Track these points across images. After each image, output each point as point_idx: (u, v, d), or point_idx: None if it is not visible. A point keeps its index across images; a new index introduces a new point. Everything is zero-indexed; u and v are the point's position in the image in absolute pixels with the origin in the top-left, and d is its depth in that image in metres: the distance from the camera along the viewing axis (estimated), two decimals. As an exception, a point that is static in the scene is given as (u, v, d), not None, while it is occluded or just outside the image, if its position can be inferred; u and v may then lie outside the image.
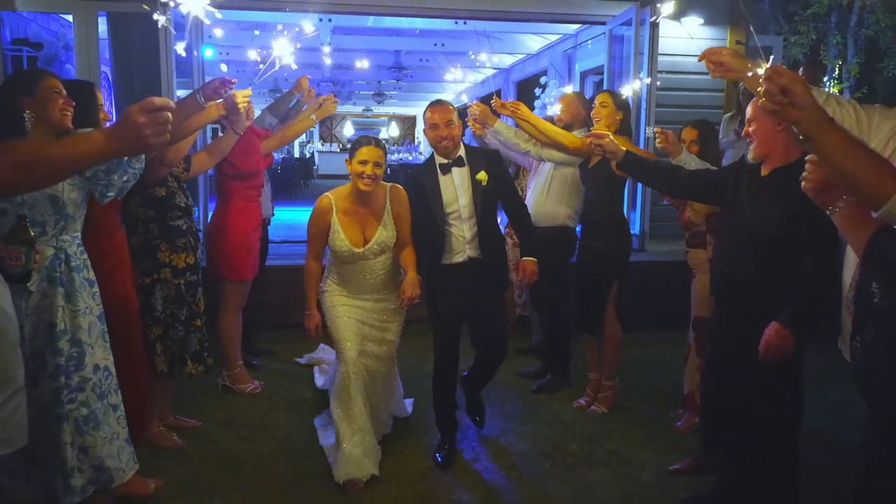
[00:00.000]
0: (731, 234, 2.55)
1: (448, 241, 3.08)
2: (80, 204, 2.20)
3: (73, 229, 2.20)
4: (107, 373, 2.27)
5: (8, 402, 1.67)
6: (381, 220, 3.05)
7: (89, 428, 2.20)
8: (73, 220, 2.19)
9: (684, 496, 2.80)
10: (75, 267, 2.19)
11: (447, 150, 3.04)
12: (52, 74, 2.28)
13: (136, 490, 2.69)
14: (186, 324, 3.04)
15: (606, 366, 3.65)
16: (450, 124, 3.01)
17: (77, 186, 2.15)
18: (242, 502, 2.72)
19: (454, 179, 3.07)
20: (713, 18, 6.14)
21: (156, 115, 1.46)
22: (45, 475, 2.19)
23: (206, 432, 3.33)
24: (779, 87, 1.54)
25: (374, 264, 3.06)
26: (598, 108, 3.51)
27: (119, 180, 2.19)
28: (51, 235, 2.13)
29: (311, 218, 3.05)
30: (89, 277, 2.26)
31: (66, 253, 2.18)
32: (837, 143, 1.53)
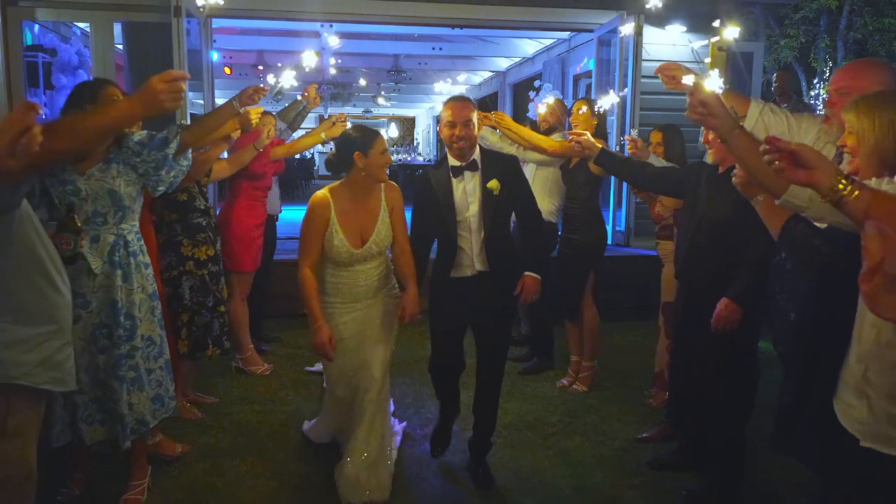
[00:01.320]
0: (691, 222, 2.95)
1: (458, 254, 2.91)
2: (135, 197, 2.60)
3: (130, 219, 2.61)
4: (149, 342, 2.67)
5: (64, 349, 2.08)
6: (378, 218, 2.85)
7: (135, 388, 2.60)
8: (130, 212, 2.59)
9: (649, 458, 3.20)
10: (132, 252, 2.59)
11: (462, 150, 2.84)
12: (112, 84, 2.65)
13: (165, 451, 3.12)
14: (212, 310, 3.45)
15: (586, 348, 4.05)
16: (468, 124, 2.81)
17: (132, 182, 2.56)
18: (259, 464, 3.13)
19: (465, 185, 2.88)
20: (695, 26, 6.53)
21: (172, 84, 1.85)
22: (108, 423, 2.61)
23: (223, 407, 3.74)
24: (698, 100, 1.96)
25: (369, 269, 2.88)
26: (575, 113, 3.94)
27: (167, 176, 2.59)
28: (112, 224, 2.53)
29: (308, 217, 2.80)
30: (144, 261, 2.67)
31: (125, 239, 2.58)
32: (746, 145, 1.94)
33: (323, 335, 2.71)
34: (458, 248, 2.90)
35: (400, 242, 2.92)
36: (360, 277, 2.87)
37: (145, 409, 2.63)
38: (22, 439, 2.02)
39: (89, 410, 2.60)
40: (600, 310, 4.11)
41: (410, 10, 6.23)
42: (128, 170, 2.54)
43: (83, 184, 2.46)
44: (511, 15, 6.29)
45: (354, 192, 2.82)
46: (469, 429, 3.22)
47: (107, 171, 2.50)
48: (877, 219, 1.38)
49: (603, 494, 2.92)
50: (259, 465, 3.11)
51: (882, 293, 1.42)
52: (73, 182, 2.44)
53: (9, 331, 1.93)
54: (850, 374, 1.74)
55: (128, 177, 2.54)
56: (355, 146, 2.72)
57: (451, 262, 2.91)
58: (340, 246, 2.79)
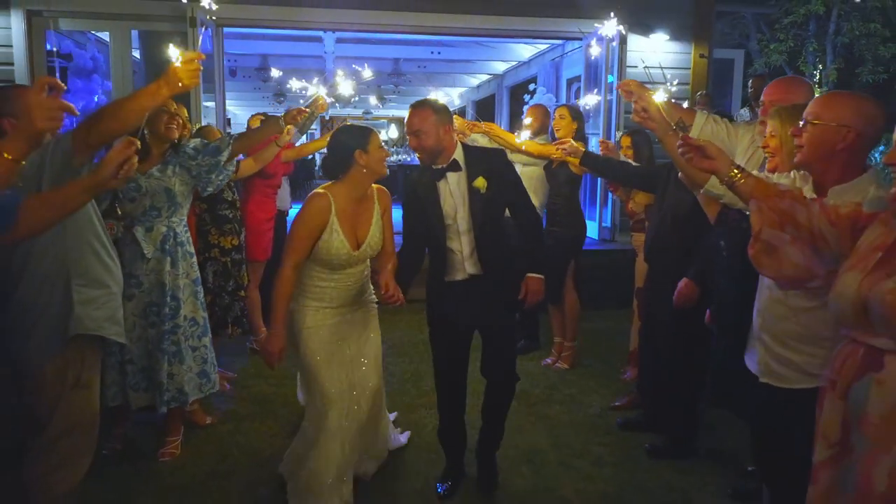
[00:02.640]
0: (658, 214, 3.46)
1: (449, 257, 2.85)
2: (186, 195, 3.09)
3: (180, 214, 3.10)
4: (193, 322, 3.16)
5: (119, 308, 2.53)
6: (373, 220, 2.82)
7: (176, 361, 3.09)
8: (180, 207, 3.08)
9: (619, 421, 3.69)
10: (180, 242, 3.08)
11: (423, 160, 2.84)
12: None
13: (197, 419, 3.60)
14: (232, 294, 3.95)
15: (567, 330, 4.54)
16: (418, 133, 2.75)
17: (185, 182, 3.05)
18: (276, 426, 3.62)
19: (449, 187, 2.81)
20: (678, 34, 7.02)
21: (190, 64, 2.19)
22: (150, 391, 3.10)
23: (242, 381, 4.23)
24: (641, 107, 2.47)
25: (357, 273, 2.84)
26: (557, 119, 4.43)
27: (216, 179, 3.09)
28: (164, 217, 3.02)
29: (305, 217, 2.69)
30: (189, 251, 3.16)
31: (175, 231, 3.07)
32: (676, 145, 2.43)
33: (277, 344, 2.70)
34: (449, 251, 2.84)
35: (385, 246, 2.88)
36: (349, 280, 2.81)
37: (184, 381, 3.11)
38: (90, 391, 2.48)
39: (137, 378, 3.09)
40: (582, 298, 4.60)
41: (410, 19, 6.72)
42: (182, 171, 3.04)
43: (144, 181, 2.96)
44: (504, 24, 6.79)
45: (353, 192, 2.76)
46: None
47: (164, 172, 3.00)
48: (756, 199, 1.88)
49: (576, 449, 3.41)
50: (275, 427, 3.60)
51: (762, 256, 1.93)
52: (135, 179, 2.95)
53: (82, 292, 2.38)
54: (753, 326, 2.23)
55: (182, 177, 3.04)
56: (354, 145, 2.70)
57: (443, 267, 2.86)
58: (341, 247, 2.70)
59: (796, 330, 2.06)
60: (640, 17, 6.75)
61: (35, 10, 6.22)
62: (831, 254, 1.82)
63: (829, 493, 1.72)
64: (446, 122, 2.78)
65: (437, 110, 2.77)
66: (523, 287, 2.90)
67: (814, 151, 2.04)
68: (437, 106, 2.81)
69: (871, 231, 1.74)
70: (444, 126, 2.76)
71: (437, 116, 2.75)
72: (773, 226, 1.86)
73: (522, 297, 2.90)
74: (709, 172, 1.99)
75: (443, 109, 2.81)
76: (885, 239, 1.69)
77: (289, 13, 6.64)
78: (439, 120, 2.75)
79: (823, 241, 1.81)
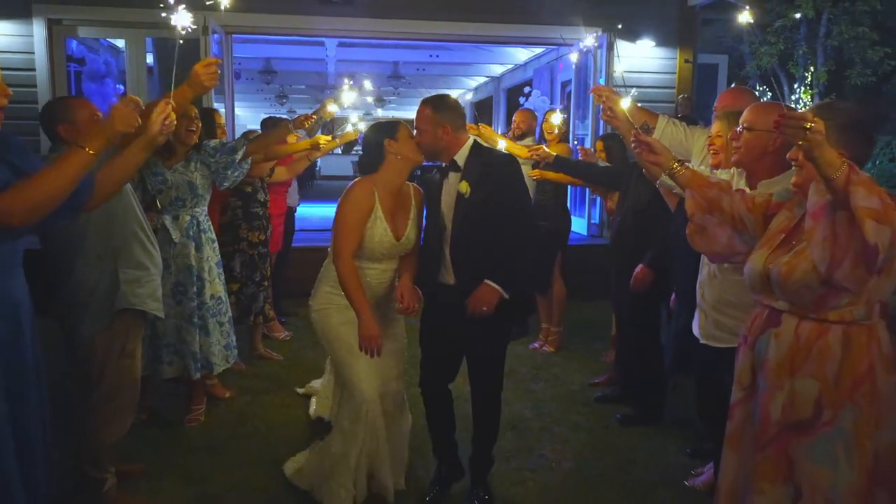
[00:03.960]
0: (622, 207, 3.92)
1: (442, 259, 2.84)
2: (207, 188, 3.55)
3: (202, 205, 3.56)
4: (218, 300, 3.62)
5: (159, 287, 2.98)
6: (410, 215, 2.87)
7: (203, 334, 3.55)
8: (202, 199, 3.55)
9: (596, 395, 4.15)
10: (203, 229, 3.54)
11: (426, 157, 2.86)
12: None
13: (217, 392, 4.05)
14: (258, 284, 4.45)
15: (554, 316, 5.01)
16: (417, 130, 2.81)
17: (205, 177, 3.51)
18: (289, 399, 4.08)
19: (449, 187, 2.83)
20: (664, 41, 7.47)
21: (209, 67, 2.53)
22: (176, 363, 3.55)
23: (255, 361, 4.70)
24: (608, 106, 2.92)
25: (391, 270, 2.89)
26: (548, 121, 4.90)
27: (232, 175, 3.55)
28: (189, 207, 3.48)
29: (352, 204, 2.74)
30: (211, 237, 3.62)
31: (198, 220, 3.53)
32: None
33: (376, 327, 2.67)
34: (443, 253, 2.84)
35: (415, 245, 2.92)
36: (384, 277, 2.87)
37: (210, 352, 3.57)
38: (133, 359, 2.93)
39: (166, 352, 3.55)
40: (570, 289, 5.06)
41: (409, 27, 7.18)
42: (203, 167, 3.50)
43: (169, 175, 3.42)
44: (498, 31, 7.26)
45: (390, 183, 2.81)
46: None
47: (187, 167, 3.46)
48: (690, 188, 2.34)
49: (556, 418, 3.87)
50: (288, 399, 4.07)
51: (695, 235, 2.38)
52: (162, 174, 3.41)
53: (126, 273, 2.83)
54: (696, 297, 2.69)
55: (202, 172, 3.50)
56: (383, 137, 2.78)
57: (437, 267, 2.87)
58: (384, 235, 2.76)
59: (727, 298, 2.53)
60: (627, 25, 7.20)
61: (55, 19, 6.69)
62: (749, 235, 2.27)
63: (742, 426, 2.17)
64: (447, 121, 2.75)
65: (437, 109, 2.76)
66: (473, 292, 2.70)
67: (748, 153, 2.49)
68: (439, 104, 2.79)
69: (778, 217, 2.19)
70: (444, 126, 2.74)
71: (436, 115, 2.75)
72: (704, 210, 2.32)
73: (467, 302, 2.70)
74: (654, 165, 2.44)
75: (445, 108, 2.78)
76: (787, 223, 2.14)
77: (293, 21, 7.10)
78: (437, 119, 2.74)
79: (742, 224, 2.26)
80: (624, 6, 7.14)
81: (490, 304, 2.69)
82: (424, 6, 7.04)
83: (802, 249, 1.99)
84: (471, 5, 7.10)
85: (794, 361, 2.02)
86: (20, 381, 1.91)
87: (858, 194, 1.76)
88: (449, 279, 2.83)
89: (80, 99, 2.96)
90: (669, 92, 7.52)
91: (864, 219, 1.75)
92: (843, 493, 1.97)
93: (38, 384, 1.99)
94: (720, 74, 7.85)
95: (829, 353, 1.98)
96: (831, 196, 1.85)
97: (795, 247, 2.04)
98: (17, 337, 1.90)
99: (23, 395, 1.93)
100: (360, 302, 2.68)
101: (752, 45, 13.68)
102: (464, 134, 2.83)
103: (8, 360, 1.87)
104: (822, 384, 1.98)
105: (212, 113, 3.90)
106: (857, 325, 1.97)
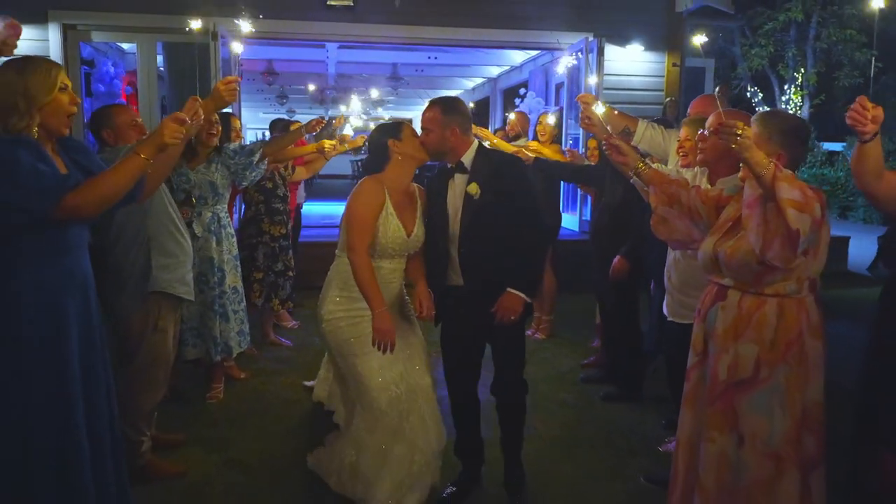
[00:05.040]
0: (599, 203, 4.34)
1: (450, 260, 2.91)
2: (227, 188, 3.96)
3: (222, 202, 3.96)
4: (234, 290, 4.02)
5: (189, 273, 3.36)
6: (417, 214, 2.93)
7: (223, 321, 3.95)
8: (222, 198, 3.94)
9: (582, 376, 4.56)
10: (223, 225, 3.95)
11: (431, 157, 2.93)
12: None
13: (233, 373, 4.45)
14: (280, 274, 4.90)
15: (545, 305, 5.42)
16: (424, 130, 2.88)
17: (226, 177, 3.91)
18: (299, 379, 4.48)
19: (455, 189, 2.88)
20: (653, 45, 7.88)
21: (229, 85, 2.86)
22: (199, 346, 3.95)
23: (266, 346, 5.12)
24: (585, 115, 3.32)
25: (400, 269, 2.95)
26: (541, 123, 5.33)
27: (250, 175, 3.95)
28: (210, 205, 3.88)
29: (363, 199, 2.81)
30: (230, 232, 4.02)
31: (219, 216, 3.93)
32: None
33: (390, 322, 2.71)
34: (450, 255, 2.90)
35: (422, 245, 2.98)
36: (394, 276, 2.93)
37: (229, 337, 3.97)
38: (165, 334, 3.31)
39: (190, 335, 3.94)
40: (562, 282, 5.47)
41: (407, 31, 7.59)
42: (223, 168, 3.90)
43: (193, 176, 3.81)
44: (493, 36, 7.67)
45: (396, 182, 2.88)
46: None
47: (209, 168, 3.86)
48: (653, 184, 2.74)
49: (545, 395, 4.28)
50: (298, 380, 4.47)
51: (658, 225, 2.78)
52: (186, 174, 3.81)
53: (159, 260, 3.21)
54: (664, 281, 3.10)
55: (222, 173, 3.90)
56: (387, 136, 2.87)
57: (445, 270, 2.93)
58: (397, 231, 2.82)
59: (690, 280, 2.93)
60: (617, 30, 7.62)
61: (70, 24, 7.09)
62: (704, 224, 2.67)
63: (696, 387, 2.57)
64: (455, 123, 2.82)
65: (446, 110, 2.84)
66: (498, 300, 2.82)
67: (711, 154, 2.90)
68: (448, 106, 2.87)
69: (728, 208, 2.59)
70: (451, 127, 2.82)
71: (445, 117, 2.82)
72: (665, 204, 2.72)
73: (494, 310, 2.82)
74: (623, 164, 2.85)
75: (454, 110, 2.86)
76: (734, 213, 2.54)
77: (296, 26, 7.51)
78: (446, 120, 2.82)
79: (698, 215, 2.66)
80: (614, 13, 7.57)
81: (517, 312, 2.83)
82: (422, 12, 7.45)
83: (744, 235, 2.39)
84: (467, 11, 7.51)
85: (738, 329, 2.42)
86: (90, 351, 2.29)
87: (782, 188, 2.16)
88: (457, 280, 2.90)
89: (120, 106, 3.37)
90: (658, 94, 7.93)
91: (787, 208, 2.15)
92: (778, 439, 2.37)
93: (103, 353, 2.37)
94: (707, 77, 8.26)
95: (766, 321, 2.38)
96: (762, 190, 2.26)
97: (740, 233, 2.45)
98: (87, 308, 2.29)
99: (93, 365, 2.30)
100: (375, 294, 2.72)
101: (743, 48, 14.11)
102: (470, 136, 2.93)
103: (81, 331, 2.24)
104: (761, 348, 2.38)
105: (229, 117, 4.29)
106: (789, 298, 2.37)
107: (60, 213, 2.06)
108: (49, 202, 2.03)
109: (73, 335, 2.19)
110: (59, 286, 2.17)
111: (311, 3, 7.34)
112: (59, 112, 2.18)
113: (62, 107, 2.18)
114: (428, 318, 2.91)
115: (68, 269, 2.21)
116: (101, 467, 2.26)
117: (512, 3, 7.54)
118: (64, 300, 2.18)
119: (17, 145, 2.05)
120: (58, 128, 2.19)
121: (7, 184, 1.99)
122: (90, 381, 2.27)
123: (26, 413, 2.09)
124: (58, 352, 2.15)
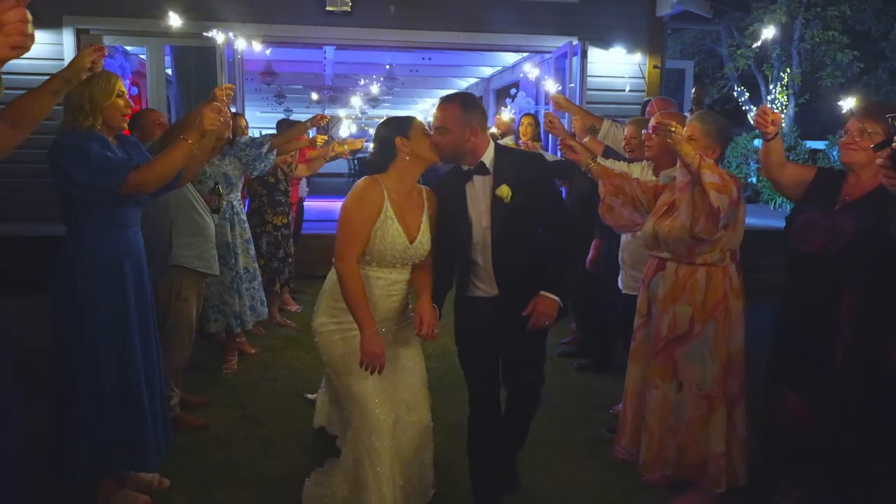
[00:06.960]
0: (571, 195, 4.90)
1: (473, 270, 2.76)
2: (239, 178, 4.50)
3: (236, 191, 4.50)
4: (247, 271, 4.56)
5: (210, 250, 3.86)
6: (423, 219, 2.70)
7: (238, 297, 4.49)
8: (235, 187, 4.49)
9: (558, 351, 5.12)
10: (237, 212, 4.49)
11: (445, 161, 2.72)
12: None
13: (245, 348, 4.99)
14: (282, 260, 5.46)
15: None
16: (439, 129, 2.63)
17: (238, 168, 4.45)
18: (304, 354, 5.02)
19: (476, 192, 2.70)
20: (634, 48, 8.41)
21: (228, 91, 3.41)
22: (220, 321, 4.49)
23: (273, 327, 5.66)
24: (548, 119, 3.86)
25: (403, 280, 2.72)
26: (523, 123, 5.90)
27: (260, 165, 4.49)
28: (225, 194, 4.42)
29: (358, 202, 2.58)
30: (243, 218, 4.57)
31: (233, 204, 4.47)
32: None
33: (380, 344, 2.50)
34: (473, 263, 2.75)
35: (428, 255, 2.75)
36: (395, 289, 2.71)
37: (244, 312, 4.52)
38: (188, 302, 3.82)
39: (212, 311, 4.48)
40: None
41: (402, 35, 8.11)
42: (235, 160, 4.44)
43: (208, 167, 4.35)
44: (483, 40, 8.20)
45: (400, 183, 2.67)
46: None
47: (223, 160, 4.40)
48: (601, 178, 3.29)
49: (525, 367, 4.81)
50: (303, 354, 5.02)
51: (606, 213, 3.33)
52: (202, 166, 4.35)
53: (179, 238, 3.71)
54: (619, 258, 3.65)
55: (234, 164, 4.45)
56: (395, 133, 2.65)
57: (467, 280, 2.79)
58: (397, 236, 2.60)
59: (638, 258, 3.48)
60: (600, 34, 8.16)
61: (83, 29, 7.60)
62: (644, 210, 3.22)
63: (641, 344, 3.12)
64: (475, 121, 2.65)
65: (466, 107, 2.64)
66: (531, 304, 2.67)
67: (656, 151, 3.46)
68: (468, 102, 2.68)
69: (663, 195, 3.14)
70: (472, 126, 2.63)
71: (466, 114, 2.62)
72: (612, 194, 3.26)
73: (527, 313, 2.67)
74: (576, 161, 3.39)
75: (474, 106, 2.68)
76: (669, 199, 3.09)
77: (297, 31, 8.02)
78: (467, 118, 2.62)
79: (640, 203, 3.21)
80: (597, 18, 8.10)
81: (552, 316, 2.70)
82: (416, 17, 7.98)
83: (678, 216, 2.94)
84: (458, 16, 8.02)
85: (675, 293, 2.97)
86: (145, 316, 2.84)
87: (706, 174, 2.71)
88: (487, 290, 2.74)
89: (148, 110, 3.96)
90: (640, 95, 8.45)
91: (709, 190, 2.70)
92: (710, 382, 2.92)
93: (152, 313, 2.93)
94: (687, 79, 8.79)
95: (697, 286, 2.93)
96: (691, 176, 2.81)
97: (674, 214, 3.00)
98: (141, 277, 2.84)
99: (147, 327, 2.86)
100: (363, 311, 2.51)
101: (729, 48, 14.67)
102: (487, 135, 2.75)
103: (137, 297, 2.79)
104: (694, 308, 2.93)
105: (235, 116, 4.79)
106: (715, 266, 2.93)
107: (127, 188, 2.62)
108: (118, 178, 2.59)
109: (131, 291, 2.74)
110: (120, 251, 2.73)
111: (312, 10, 7.86)
112: (117, 113, 2.75)
113: (119, 109, 2.75)
114: (428, 337, 2.63)
115: (127, 239, 2.76)
116: (153, 396, 2.83)
117: (500, 8, 8.07)
118: (123, 262, 2.73)
119: (88, 138, 2.63)
120: (118, 125, 2.75)
121: (84, 167, 2.55)
122: (145, 330, 2.82)
123: (98, 353, 2.65)
124: (119, 302, 2.72)
